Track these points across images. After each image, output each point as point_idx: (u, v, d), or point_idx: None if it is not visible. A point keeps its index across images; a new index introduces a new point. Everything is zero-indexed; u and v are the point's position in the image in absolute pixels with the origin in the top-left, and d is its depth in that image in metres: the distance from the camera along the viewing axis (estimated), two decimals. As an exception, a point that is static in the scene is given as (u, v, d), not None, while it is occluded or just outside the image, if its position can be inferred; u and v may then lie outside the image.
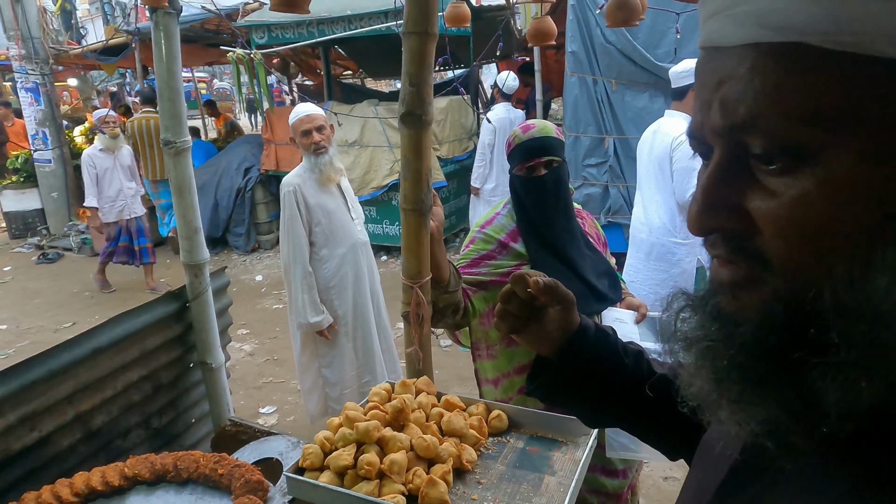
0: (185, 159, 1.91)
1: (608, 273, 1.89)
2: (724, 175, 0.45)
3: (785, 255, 0.43)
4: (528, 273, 0.89)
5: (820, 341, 0.41)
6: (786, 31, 0.40)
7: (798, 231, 0.41)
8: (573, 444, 1.46)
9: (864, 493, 0.43)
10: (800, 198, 0.41)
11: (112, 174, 5.78)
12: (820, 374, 0.41)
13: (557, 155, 1.77)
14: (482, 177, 5.61)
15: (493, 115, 5.57)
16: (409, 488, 1.28)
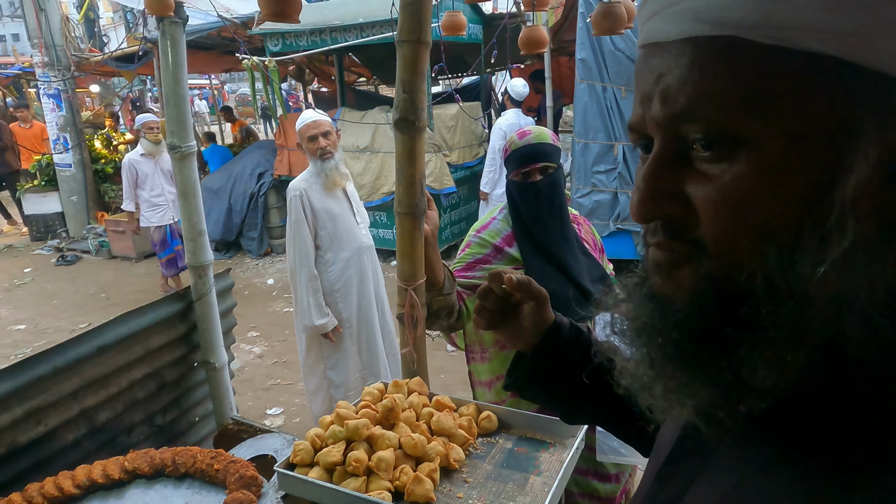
0: (190, 163, 1.97)
1: (603, 278, 1.90)
2: (665, 164, 0.47)
3: (720, 238, 0.44)
4: (504, 271, 0.92)
5: (750, 319, 0.43)
6: (722, 25, 0.42)
7: (733, 214, 0.43)
8: (560, 445, 1.48)
9: (784, 460, 0.46)
10: (735, 182, 0.43)
11: (153, 179, 5.75)
12: (749, 350, 0.44)
13: (553, 161, 1.79)
14: (492, 182, 5.64)
15: (503, 121, 5.60)
16: (396, 485, 1.31)
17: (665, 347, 0.49)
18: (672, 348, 0.48)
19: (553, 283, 1.77)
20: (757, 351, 0.44)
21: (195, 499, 1.53)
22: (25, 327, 5.61)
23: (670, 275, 0.49)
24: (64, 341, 1.75)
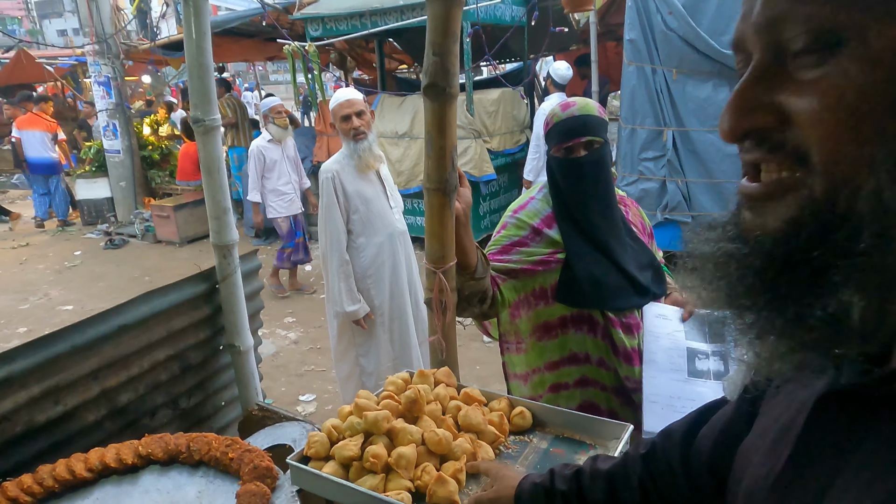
0: (214, 138, 1.89)
1: (652, 265, 1.73)
2: (761, 76, 0.46)
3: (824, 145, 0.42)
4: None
5: (848, 246, 0.40)
6: None
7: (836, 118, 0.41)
8: (602, 447, 1.33)
9: None
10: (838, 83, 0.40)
11: (281, 166, 5.42)
12: (845, 281, 0.40)
13: (599, 135, 1.63)
14: (536, 170, 5.46)
15: (547, 106, 5.41)
16: (417, 485, 1.19)
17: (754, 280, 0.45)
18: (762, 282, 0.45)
19: (596, 268, 1.62)
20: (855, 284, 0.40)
21: (209, 488, 1.45)
22: (73, 308, 5.76)
23: (763, 207, 0.47)
24: (83, 319, 1.70)
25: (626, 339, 1.63)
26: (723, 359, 1.63)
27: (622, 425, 1.33)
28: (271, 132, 5.39)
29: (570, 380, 1.70)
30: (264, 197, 5.45)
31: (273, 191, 5.42)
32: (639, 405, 1.64)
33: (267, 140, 5.38)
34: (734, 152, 3.36)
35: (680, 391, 1.59)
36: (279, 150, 5.43)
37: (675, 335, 1.66)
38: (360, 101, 2.89)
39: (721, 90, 4.89)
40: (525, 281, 1.69)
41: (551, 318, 1.69)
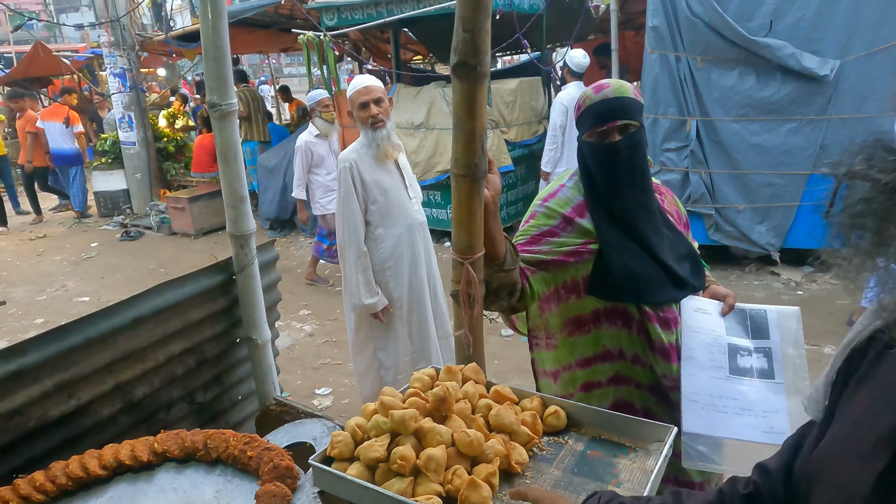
0: (230, 123, 1.82)
1: (689, 256, 1.64)
2: None
3: None
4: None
5: None
6: None
7: None
8: (643, 450, 1.25)
9: None
10: None
11: (329, 162, 5.18)
12: None
13: (635, 118, 1.53)
14: (553, 161, 5.34)
15: (564, 95, 5.28)
16: (448, 489, 1.12)
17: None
18: None
19: (632, 259, 1.53)
20: None
21: (226, 487, 1.40)
22: (89, 299, 5.76)
23: None
24: (96, 311, 1.64)
25: (664, 335, 1.54)
26: (767, 356, 1.53)
27: (665, 427, 1.24)
28: (318, 126, 5.19)
29: (602, 377, 1.61)
30: (311, 194, 5.28)
31: (322, 186, 5.21)
32: (676, 404, 1.55)
33: (314, 135, 5.18)
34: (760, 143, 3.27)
35: (721, 390, 1.50)
36: (326, 146, 5.24)
37: (716, 330, 1.57)
38: (379, 88, 2.81)
39: (748, 78, 4.74)
40: (556, 273, 1.60)
41: (583, 311, 1.61)
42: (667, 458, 1.18)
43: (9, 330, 5.08)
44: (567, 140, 5.24)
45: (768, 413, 1.46)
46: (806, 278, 5.06)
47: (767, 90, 4.68)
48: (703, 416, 1.47)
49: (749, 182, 4.96)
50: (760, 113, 4.76)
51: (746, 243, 5.10)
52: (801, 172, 4.82)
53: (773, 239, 5.03)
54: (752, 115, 4.79)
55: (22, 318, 5.44)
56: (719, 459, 1.47)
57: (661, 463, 1.15)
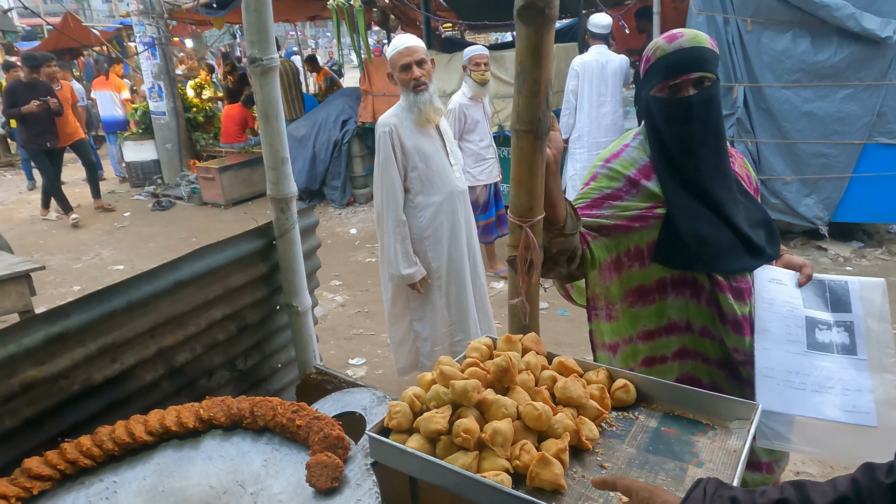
0: (272, 80, 1.73)
1: (765, 223, 1.52)
2: None
3: None
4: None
5: None
6: None
7: None
8: (722, 428, 1.15)
9: None
10: None
11: (482, 128, 4.56)
12: None
13: (712, 71, 1.40)
14: (567, 126, 5.17)
15: (577, 60, 5.11)
16: (515, 465, 1.04)
17: None
18: None
19: (705, 225, 1.41)
20: None
21: (274, 456, 1.34)
22: (123, 268, 5.82)
23: None
24: (138, 274, 1.59)
25: (737, 306, 1.43)
26: (848, 330, 1.42)
27: (748, 404, 1.15)
28: (469, 88, 4.49)
29: (667, 351, 1.52)
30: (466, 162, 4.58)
31: (473, 155, 4.57)
32: (746, 380, 1.45)
33: (468, 97, 4.50)
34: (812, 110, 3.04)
35: (798, 365, 1.39)
36: (480, 109, 4.55)
37: (792, 302, 1.45)
38: (422, 49, 2.68)
39: (801, 41, 4.48)
40: (618, 239, 1.50)
41: (647, 281, 1.50)
42: (752, 436, 1.08)
43: (47, 297, 5.16)
44: (581, 105, 5.11)
45: (850, 391, 1.36)
46: (855, 254, 4.84)
47: (822, 54, 4.42)
48: (778, 393, 1.37)
49: (798, 152, 4.72)
50: (814, 78, 4.51)
51: (793, 216, 4.89)
52: (854, 142, 4.57)
53: (822, 212, 4.81)
54: (804, 80, 4.54)
55: (59, 285, 5.52)
56: (796, 439, 1.37)
57: (748, 441, 1.05)
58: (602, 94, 5.06)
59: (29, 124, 6.85)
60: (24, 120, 6.83)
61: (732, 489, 0.79)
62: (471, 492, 0.98)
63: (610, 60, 5.05)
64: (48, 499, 1.23)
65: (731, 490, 0.79)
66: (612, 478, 0.90)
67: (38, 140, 6.96)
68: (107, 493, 1.26)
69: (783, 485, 0.77)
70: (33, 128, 6.89)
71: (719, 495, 0.79)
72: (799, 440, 1.38)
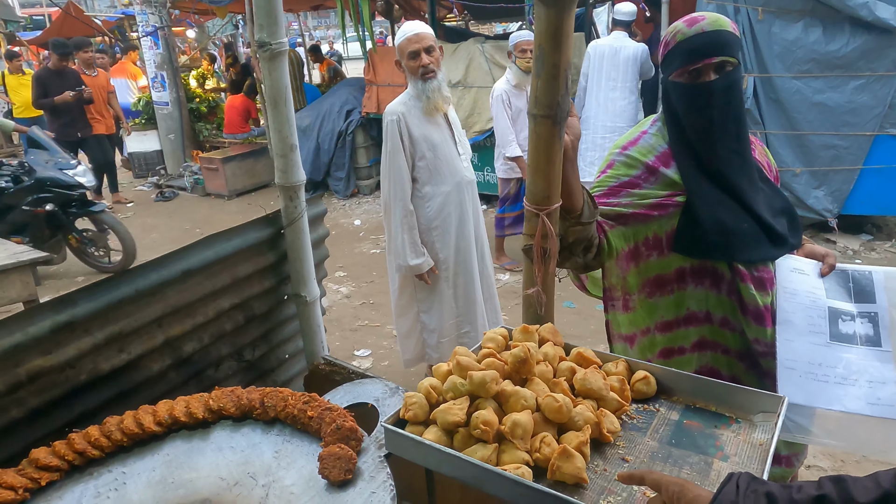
0: (281, 64, 1.69)
1: (786, 211, 1.48)
2: None
3: None
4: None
5: None
6: None
7: None
8: (745, 421, 1.12)
9: None
10: None
11: (523, 118, 4.22)
12: None
13: (733, 55, 1.36)
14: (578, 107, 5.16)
15: (593, 43, 5.09)
16: (535, 458, 1.01)
17: None
18: None
19: (726, 213, 1.38)
20: None
21: (286, 447, 1.32)
22: (127, 258, 5.79)
23: None
24: (145, 262, 1.56)
25: (758, 296, 1.40)
26: (872, 321, 1.38)
27: (774, 397, 1.12)
28: (513, 75, 4.29)
29: (686, 343, 1.49)
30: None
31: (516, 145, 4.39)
32: (767, 371, 1.42)
33: (512, 85, 4.31)
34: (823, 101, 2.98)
35: (821, 357, 1.36)
36: (523, 98, 4.29)
37: (815, 292, 1.42)
38: (430, 36, 2.64)
39: (813, 31, 4.42)
40: (637, 228, 1.47)
41: (666, 270, 1.47)
42: (779, 429, 1.05)
43: (51, 288, 5.14)
44: (588, 88, 5.12)
45: (874, 383, 1.32)
46: (864, 246, 4.80)
47: (834, 43, 4.36)
48: (800, 385, 1.34)
49: (808, 144, 4.67)
50: (825, 69, 4.45)
51: (802, 209, 4.84)
52: (865, 133, 4.52)
53: (831, 205, 4.77)
54: (815, 71, 4.48)
55: (63, 276, 5.50)
56: (819, 432, 1.34)
57: (776, 437, 1.02)
58: (613, 79, 5.05)
59: (59, 114, 6.55)
60: (54, 110, 6.54)
61: (766, 484, 0.77)
62: (491, 485, 0.96)
63: (625, 47, 5.03)
64: (56, 490, 1.21)
65: (765, 485, 0.76)
66: (640, 472, 0.87)
67: (69, 131, 6.62)
68: (116, 485, 1.24)
69: (821, 480, 0.74)
70: (62, 117, 6.57)
71: (753, 490, 0.76)
72: (821, 433, 1.35)
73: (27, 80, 9.01)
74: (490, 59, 5.77)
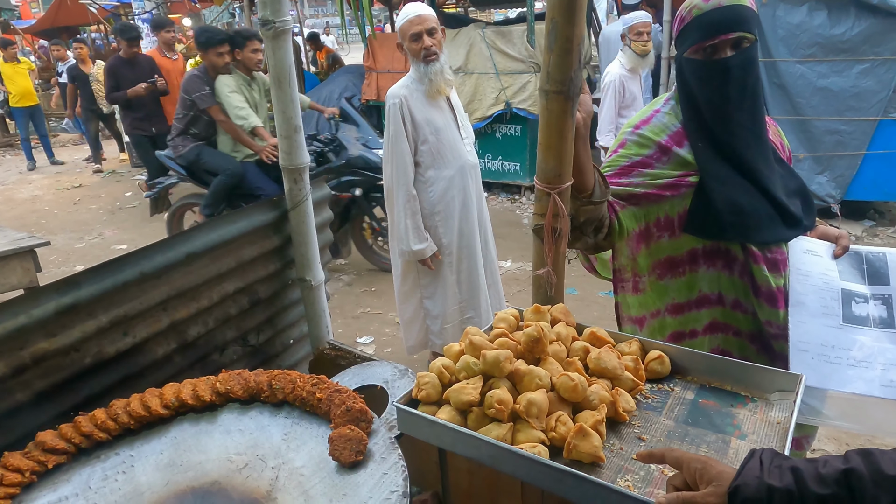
0: (284, 43, 1.66)
1: (800, 192, 1.46)
2: None
3: None
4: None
5: None
6: None
7: None
8: (762, 400, 1.11)
9: None
10: None
11: (638, 104, 4.18)
12: None
13: (751, 31, 1.33)
14: None
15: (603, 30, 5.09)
16: (551, 437, 1.00)
17: None
18: None
19: (740, 194, 1.36)
20: None
21: (295, 430, 1.31)
22: (127, 247, 5.77)
23: None
24: (150, 244, 1.54)
25: (771, 278, 1.38)
26: (886, 303, 1.37)
27: (791, 375, 1.10)
28: (627, 59, 4.15)
29: (697, 326, 1.47)
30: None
31: None
32: (779, 354, 1.41)
33: (626, 69, 4.15)
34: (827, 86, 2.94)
35: (834, 339, 1.34)
36: (637, 83, 4.22)
37: (828, 274, 1.40)
38: (432, 17, 2.60)
39: (818, 14, 4.38)
40: (648, 208, 1.45)
41: (677, 252, 1.45)
42: (797, 407, 1.04)
43: (51, 276, 5.11)
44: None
45: (888, 366, 1.31)
46: (867, 232, 4.79)
47: (839, 27, 4.32)
48: (813, 367, 1.32)
49: (812, 129, 4.64)
50: (829, 53, 4.41)
51: (804, 195, 4.83)
52: (869, 118, 4.49)
53: (834, 190, 4.75)
54: (819, 55, 4.45)
55: (62, 264, 5.48)
56: (831, 414, 1.33)
57: (795, 415, 1.01)
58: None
59: (132, 108, 5.92)
60: (127, 105, 5.89)
61: (791, 459, 0.75)
62: (507, 464, 0.94)
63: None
64: (63, 473, 1.20)
65: (789, 460, 0.75)
66: (660, 450, 0.85)
67: (143, 126, 6.01)
68: (123, 467, 1.23)
69: (848, 453, 0.73)
70: (137, 111, 5.95)
71: (777, 465, 0.74)
72: (833, 415, 1.34)
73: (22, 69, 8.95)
74: (491, 44, 5.72)
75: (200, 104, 4.30)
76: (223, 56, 4.26)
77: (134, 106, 5.93)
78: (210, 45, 4.25)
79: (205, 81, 4.32)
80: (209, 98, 4.27)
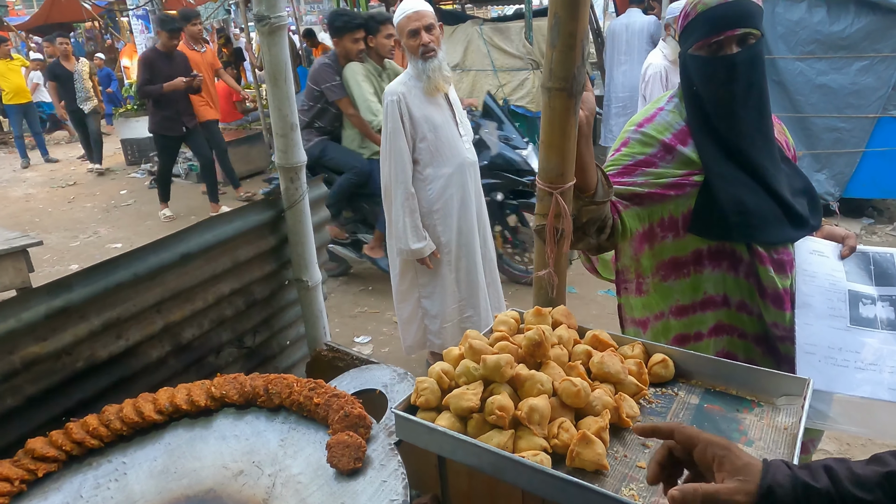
0: (280, 39, 1.63)
1: (807, 191, 1.44)
2: None
3: None
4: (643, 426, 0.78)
5: None
6: None
7: None
8: (768, 405, 1.09)
9: None
10: None
11: None
12: None
13: (756, 26, 1.31)
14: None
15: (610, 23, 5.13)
16: (553, 444, 0.98)
17: None
18: None
19: (746, 193, 1.33)
20: None
21: (292, 436, 1.28)
22: (122, 246, 5.74)
23: None
24: (143, 245, 1.51)
25: (778, 279, 1.36)
26: (893, 304, 1.35)
27: (798, 379, 1.08)
28: (672, 50, 3.90)
29: (702, 328, 1.45)
30: None
31: None
32: (785, 356, 1.39)
33: (669, 60, 3.94)
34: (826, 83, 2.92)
35: (841, 341, 1.32)
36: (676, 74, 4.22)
37: (834, 275, 1.38)
38: (430, 13, 2.57)
39: (817, 11, 4.35)
40: (652, 208, 1.42)
41: (682, 252, 1.43)
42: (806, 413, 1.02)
43: (44, 275, 5.07)
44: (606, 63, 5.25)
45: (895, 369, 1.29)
46: (865, 230, 4.78)
47: (839, 24, 4.30)
48: (820, 370, 1.30)
49: (810, 126, 4.63)
50: (829, 50, 4.39)
51: (803, 193, 4.82)
52: (868, 116, 4.47)
53: (833, 188, 4.74)
54: (819, 52, 4.42)
55: (56, 263, 5.44)
56: (838, 418, 1.31)
57: (804, 420, 0.99)
58: (622, 54, 5.14)
59: (162, 106, 5.56)
60: (158, 101, 5.52)
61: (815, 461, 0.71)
62: (508, 473, 0.92)
63: (634, 22, 5.11)
64: (54, 481, 1.17)
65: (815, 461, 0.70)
66: (668, 425, 0.74)
67: (173, 127, 5.68)
68: (116, 475, 1.20)
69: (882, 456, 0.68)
70: (166, 109, 5.59)
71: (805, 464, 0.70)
72: (840, 418, 1.32)
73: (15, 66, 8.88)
74: (489, 41, 5.68)
75: (330, 96, 3.91)
76: (359, 42, 3.83)
77: (164, 103, 5.55)
78: (346, 31, 3.82)
79: (336, 71, 3.91)
80: (339, 89, 3.87)
